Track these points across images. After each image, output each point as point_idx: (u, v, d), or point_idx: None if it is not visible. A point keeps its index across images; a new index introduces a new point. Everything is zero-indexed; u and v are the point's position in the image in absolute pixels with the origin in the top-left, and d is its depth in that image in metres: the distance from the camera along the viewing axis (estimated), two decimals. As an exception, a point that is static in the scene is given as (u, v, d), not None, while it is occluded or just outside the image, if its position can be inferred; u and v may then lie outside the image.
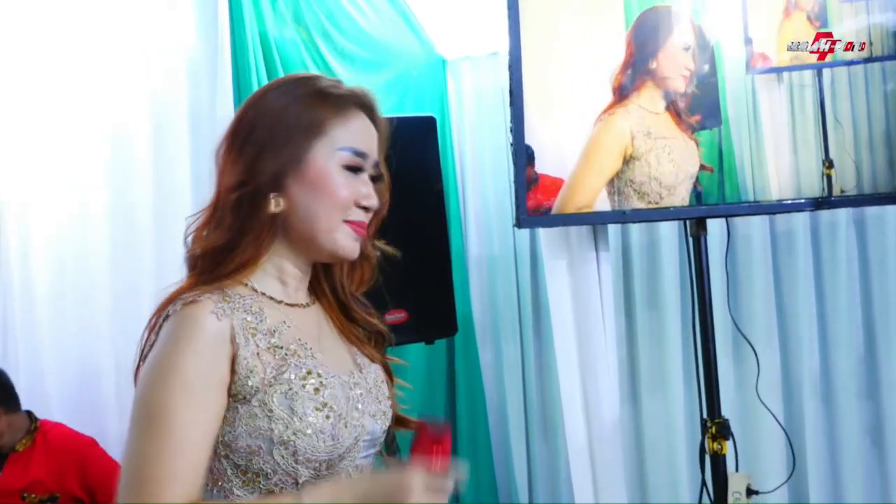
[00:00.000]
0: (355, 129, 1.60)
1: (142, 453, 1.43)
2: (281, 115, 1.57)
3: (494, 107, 4.19)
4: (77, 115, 3.87)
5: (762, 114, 3.34)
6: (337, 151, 1.57)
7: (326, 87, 1.61)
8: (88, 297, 3.87)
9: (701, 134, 3.33)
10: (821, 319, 3.83)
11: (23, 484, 3.55)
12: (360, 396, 1.59)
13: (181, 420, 1.43)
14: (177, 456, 1.42)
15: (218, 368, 1.48)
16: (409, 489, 1.46)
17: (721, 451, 3.30)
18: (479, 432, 4.22)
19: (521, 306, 4.22)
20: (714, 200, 3.33)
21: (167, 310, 1.52)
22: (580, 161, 3.30)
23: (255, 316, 1.54)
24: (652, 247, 3.99)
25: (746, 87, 3.34)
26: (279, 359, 1.53)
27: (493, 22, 3.68)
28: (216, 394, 1.48)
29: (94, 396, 3.87)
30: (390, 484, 1.48)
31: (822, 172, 3.33)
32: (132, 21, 3.88)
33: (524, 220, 3.35)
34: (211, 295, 1.51)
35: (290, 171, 1.55)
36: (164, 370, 1.45)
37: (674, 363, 3.91)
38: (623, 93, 3.33)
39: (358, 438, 1.57)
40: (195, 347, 1.47)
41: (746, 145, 3.34)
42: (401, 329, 3.17)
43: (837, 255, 3.80)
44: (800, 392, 3.83)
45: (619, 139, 3.30)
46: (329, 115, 1.58)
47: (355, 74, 4.11)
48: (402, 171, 3.22)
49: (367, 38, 4.17)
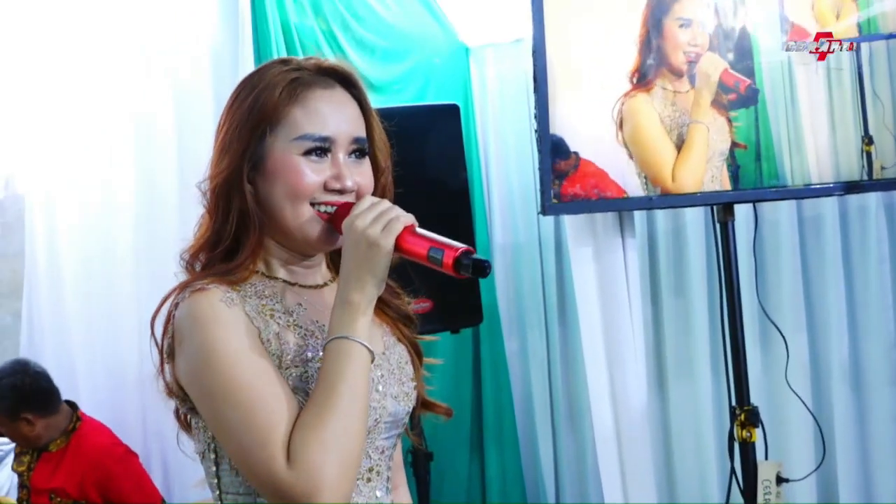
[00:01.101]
0: (315, 110, 1.54)
1: (238, 420, 1.42)
2: (237, 110, 1.55)
3: (518, 94, 4.17)
4: (103, 105, 3.89)
5: (799, 92, 3.31)
6: (294, 140, 1.52)
7: (284, 72, 1.56)
8: (114, 286, 3.88)
9: (738, 113, 3.30)
10: (850, 305, 3.78)
11: (49, 486, 3.55)
12: (380, 378, 1.58)
13: (251, 376, 1.43)
14: (267, 400, 1.42)
15: (252, 336, 1.48)
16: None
17: (750, 439, 3.28)
18: (505, 422, 4.20)
19: (547, 295, 4.20)
20: (751, 182, 3.30)
21: (176, 298, 1.51)
22: (635, 149, 3.29)
23: (269, 299, 1.54)
24: (678, 233, 3.96)
25: (783, 65, 3.30)
26: (299, 338, 1.53)
27: (516, 9, 3.66)
28: (263, 350, 1.48)
29: (119, 384, 3.88)
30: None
31: (862, 149, 3.29)
32: (156, 12, 3.88)
33: (549, 207, 3.33)
34: (219, 285, 1.50)
35: (249, 165, 1.53)
36: (207, 355, 1.45)
37: (701, 350, 3.88)
38: (644, 75, 3.30)
39: (378, 420, 1.56)
40: (224, 322, 1.46)
41: (783, 125, 3.32)
42: (426, 318, 3.14)
43: (867, 239, 3.76)
44: (829, 379, 3.79)
45: (649, 118, 3.29)
46: (285, 102, 1.53)
47: (375, 65, 4.10)
48: (427, 159, 3.25)
49: (387, 28, 4.16)
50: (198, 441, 1.56)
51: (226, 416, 1.43)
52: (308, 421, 1.41)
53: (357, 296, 1.47)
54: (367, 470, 1.56)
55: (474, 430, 4.26)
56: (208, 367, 1.45)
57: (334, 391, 1.43)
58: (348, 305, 1.47)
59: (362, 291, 1.47)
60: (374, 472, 1.58)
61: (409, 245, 1.47)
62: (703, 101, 3.31)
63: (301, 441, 1.40)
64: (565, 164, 3.30)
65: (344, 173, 1.53)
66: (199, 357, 1.46)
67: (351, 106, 1.58)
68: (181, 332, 1.49)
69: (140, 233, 3.91)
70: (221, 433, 1.46)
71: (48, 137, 3.90)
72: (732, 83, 3.31)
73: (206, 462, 1.55)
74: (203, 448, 1.55)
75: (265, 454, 1.40)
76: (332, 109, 1.55)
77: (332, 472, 1.39)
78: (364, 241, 1.46)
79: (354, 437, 1.43)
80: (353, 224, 1.47)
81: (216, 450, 1.52)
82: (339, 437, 1.40)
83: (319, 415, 1.41)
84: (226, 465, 1.52)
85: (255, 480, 1.43)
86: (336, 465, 1.39)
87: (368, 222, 1.46)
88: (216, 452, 1.52)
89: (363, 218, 1.47)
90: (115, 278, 3.89)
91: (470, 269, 1.44)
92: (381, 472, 1.59)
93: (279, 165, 1.52)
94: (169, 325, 1.52)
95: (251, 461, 1.41)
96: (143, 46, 3.89)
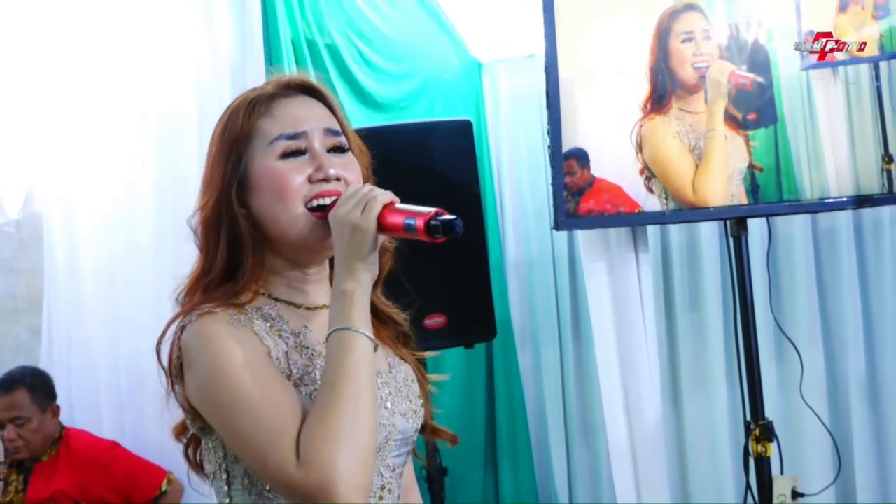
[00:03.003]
0: (282, 115, 1.57)
1: (248, 427, 1.42)
2: (213, 145, 1.59)
3: (531, 109, 4.17)
4: (124, 122, 3.91)
5: (818, 110, 3.31)
6: (269, 146, 1.55)
7: (247, 98, 1.59)
8: (136, 302, 3.88)
9: (756, 132, 3.31)
10: (866, 319, 3.77)
11: (46, 494, 3.58)
12: (388, 396, 1.58)
13: (259, 384, 1.44)
14: (275, 404, 1.42)
15: (261, 352, 1.49)
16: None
17: (765, 454, 3.27)
18: (519, 437, 4.20)
19: (560, 309, 4.20)
20: (769, 197, 3.30)
21: (183, 320, 1.52)
22: (656, 168, 3.30)
23: (276, 320, 1.54)
24: (692, 247, 3.96)
25: (801, 84, 3.30)
26: (306, 359, 1.53)
27: (528, 24, 3.67)
28: (271, 363, 1.48)
29: (138, 385, 3.88)
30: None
31: (882, 168, 3.29)
32: (178, 21, 3.90)
33: (562, 222, 3.34)
34: (226, 309, 1.51)
35: (236, 188, 1.55)
36: (216, 369, 1.46)
37: (716, 365, 3.87)
38: (658, 100, 3.31)
39: (388, 438, 1.56)
40: (232, 338, 1.47)
41: (803, 142, 3.32)
42: (439, 333, 3.17)
43: (882, 252, 3.74)
44: (845, 393, 3.77)
45: (667, 136, 3.30)
46: (253, 119, 1.56)
47: (382, 83, 4.12)
48: (440, 174, 3.27)
49: (395, 45, 4.17)
50: (208, 462, 1.57)
51: (237, 425, 1.44)
52: (315, 416, 1.41)
53: (350, 284, 1.47)
54: (380, 488, 1.56)
55: (488, 444, 4.26)
56: (217, 381, 1.45)
57: (338, 384, 1.43)
58: (343, 296, 1.47)
59: (354, 278, 1.47)
60: (385, 490, 1.58)
61: (388, 222, 1.48)
62: (717, 109, 3.32)
63: (310, 437, 1.40)
64: (581, 177, 3.30)
65: (325, 162, 1.55)
66: (208, 372, 1.47)
67: (317, 105, 1.61)
68: (189, 353, 1.50)
69: (161, 251, 3.90)
70: (235, 443, 1.46)
71: (67, 154, 3.92)
72: (739, 83, 3.31)
73: (217, 482, 1.55)
74: (214, 468, 1.55)
75: (277, 456, 1.40)
76: (298, 108, 1.58)
77: (344, 464, 1.38)
78: (347, 226, 1.47)
79: (364, 428, 1.42)
80: (336, 213, 1.49)
81: (228, 469, 1.53)
82: (347, 429, 1.40)
83: (325, 408, 1.41)
84: (237, 485, 1.52)
85: (273, 484, 1.44)
86: (348, 457, 1.39)
87: (350, 208, 1.48)
88: (228, 472, 1.53)
89: (345, 205, 1.48)
90: (136, 295, 3.89)
91: (440, 230, 1.46)
92: (392, 489, 1.59)
93: (261, 175, 1.54)
94: (175, 346, 1.52)
95: (265, 465, 1.42)
96: (167, 56, 3.88)
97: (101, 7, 3.91)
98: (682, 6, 3.35)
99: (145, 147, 3.92)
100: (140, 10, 3.89)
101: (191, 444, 1.63)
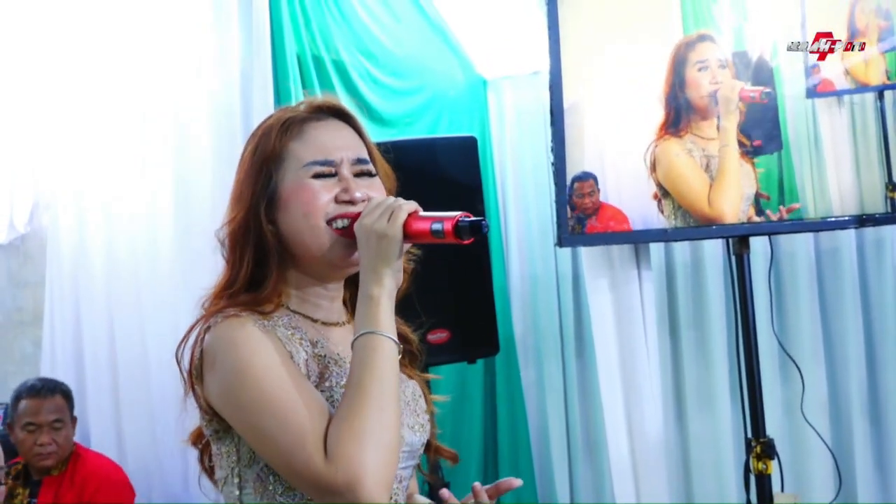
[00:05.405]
0: (313, 141, 1.62)
1: (274, 428, 1.46)
2: (244, 162, 1.64)
3: (536, 126, 4.19)
4: (133, 125, 3.94)
5: (823, 137, 3.34)
6: (301, 169, 1.60)
7: (279, 117, 1.64)
8: (143, 320, 3.89)
9: (760, 159, 3.33)
10: (867, 337, 3.78)
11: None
12: None
13: (284, 385, 1.47)
14: (301, 404, 1.46)
15: (284, 355, 1.52)
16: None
17: (766, 471, 3.28)
18: (521, 453, 4.20)
19: (564, 326, 4.20)
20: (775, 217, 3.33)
21: (208, 322, 1.56)
22: (670, 185, 3.35)
23: (296, 330, 1.58)
24: (695, 265, 3.97)
25: (807, 111, 3.33)
26: (322, 367, 1.57)
27: (533, 41, 3.70)
28: (295, 366, 1.52)
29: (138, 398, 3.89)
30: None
31: (886, 195, 3.31)
32: (189, 32, 3.94)
33: (566, 239, 3.36)
34: (251, 314, 1.55)
35: (265, 205, 1.59)
36: (242, 370, 1.49)
37: (719, 382, 3.87)
38: (673, 124, 3.35)
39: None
40: (257, 340, 1.51)
41: (807, 165, 3.33)
42: (443, 349, 3.18)
43: (884, 271, 3.75)
44: (848, 412, 3.77)
45: (680, 155, 3.33)
46: (285, 141, 1.61)
47: (388, 99, 4.14)
48: (444, 190, 3.28)
49: (400, 61, 4.20)
50: (220, 467, 1.59)
51: (262, 426, 1.47)
52: (341, 416, 1.45)
53: (376, 289, 1.52)
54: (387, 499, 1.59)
55: (490, 460, 4.26)
56: (242, 382, 1.49)
57: (364, 384, 1.47)
58: (369, 300, 1.52)
59: (380, 284, 1.52)
60: (392, 501, 1.59)
61: (414, 229, 1.54)
62: (730, 125, 3.36)
63: (336, 436, 1.44)
64: (590, 202, 3.33)
65: (352, 186, 1.60)
66: (233, 373, 1.50)
67: (347, 131, 1.66)
68: (212, 354, 1.53)
69: (165, 262, 3.91)
70: (260, 444, 1.49)
71: (72, 168, 3.95)
72: (749, 97, 3.35)
73: (227, 487, 1.57)
74: (226, 473, 1.57)
75: (304, 455, 1.43)
76: (330, 136, 1.63)
77: (370, 462, 1.42)
78: (374, 235, 1.52)
79: (388, 427, 1.46)
80: (361, 223, 1.54)
81: (240, 473, 1.55)
82: (373, 428, 1.44)
83: (351, 408, 1.45)
84: (249, 489, 1.54)
85: (300, 483, 1.47)
86: (373, 455, 1.43)
87: (376, 217, 1.53)
88: (240, 476, 1.55)
89: (370, 216, 1.54)
90: (140, 308, 3.90)
91: (468, 231, 1.53)
92: (398, 501, 1.61)
93: (292, 191, 1.59)
94: (196, 348, 1.56)
95: (292, 465, 1.45)
96: (179, 65, 3.91)
97: (107, 16, 3.95)
98: (695, 37, 3.41)
99: (152, 162, 3.94)
100: (149, 17, 3.93)
101: (205, 451, 1.66)
